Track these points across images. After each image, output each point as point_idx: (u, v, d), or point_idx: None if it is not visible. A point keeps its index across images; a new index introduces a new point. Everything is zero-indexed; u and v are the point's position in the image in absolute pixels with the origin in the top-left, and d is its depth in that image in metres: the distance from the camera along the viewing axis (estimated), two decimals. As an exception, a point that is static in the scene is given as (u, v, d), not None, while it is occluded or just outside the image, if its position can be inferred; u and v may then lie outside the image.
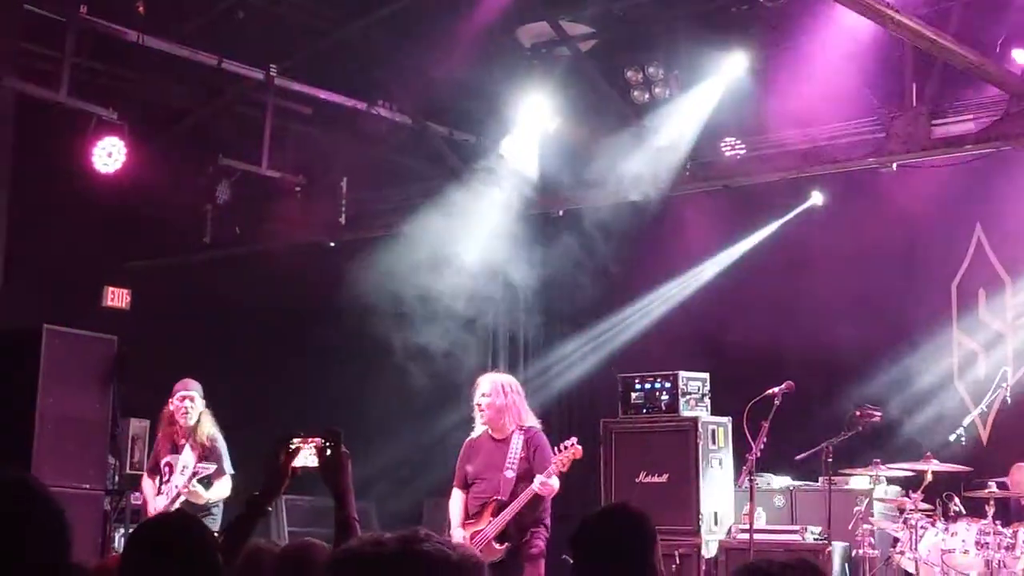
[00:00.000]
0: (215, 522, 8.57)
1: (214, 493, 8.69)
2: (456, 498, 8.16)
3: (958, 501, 8.92)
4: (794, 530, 9.85)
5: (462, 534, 7.94)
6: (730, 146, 10.66)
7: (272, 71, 10.56)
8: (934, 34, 8.39)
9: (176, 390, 8.97)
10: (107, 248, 12.17)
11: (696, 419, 10.49)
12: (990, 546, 8.53)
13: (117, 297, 12.49)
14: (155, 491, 8.89)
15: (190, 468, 8.64)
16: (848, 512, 9.30)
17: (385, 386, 11.64)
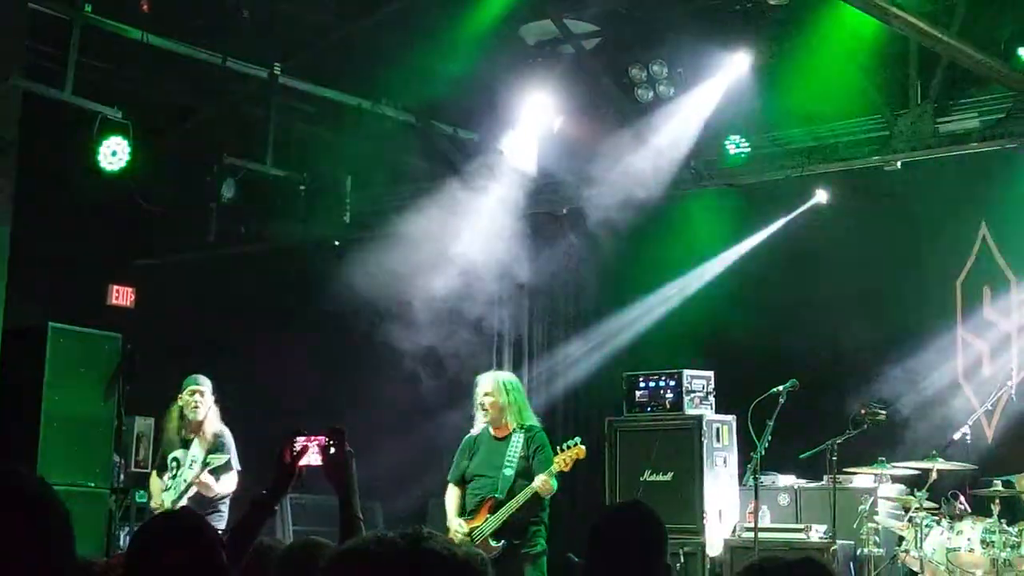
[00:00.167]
0: (221, 519, 8.58)
1: (223, 486, 8.70)
2: (452, 493, 8.18)
3: (963, 500, 8.91)
4: (799, 528, 9.84)
5: (458, 524, 7.94)
6: (734, 144, 10.65)
7: (276, 69, 10.56)
8: (939, 32, 8.38)
9: (186, 385, 8.98)
10: (112, 246, 12.19)
11: (700, 417, 10.48)
12: (995, 545, 8.52)
13: (122, 295, 12.52)
14: (161, 487, 8.89)
15: (199, 462, 8.65)
16: (853, 511, 9.30)
17: (390, 384, 11.63)
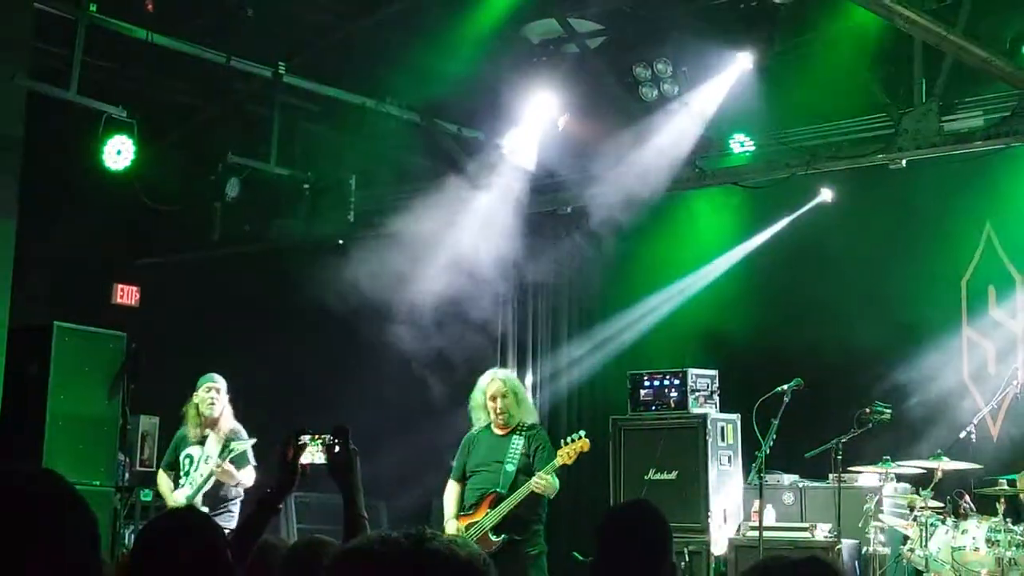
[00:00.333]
0: (232, 519, 8.58)
1: (243, 476, 8.71)
2: (451, 490, 8.21)
3: (968, 499, 8.90)
4: (804, 527, 9.83)
5: (456, 526, 7.97)
6: (739, 142, 10.64)
7: (280, 68, 10.56)
8: (943, 30, 8.36)
9: (202, 382, 8.99)
10: (117, 246, 12.21)
11: (705, 416, 10.47)
12: (1000, 543, 8.51)
13: (127, 294, 12.53)
14: (171, 486, 8.90)
15: (215, 457, 8.67)
16: (858, 510, 9.29)
17: (394, 383, 11.63)
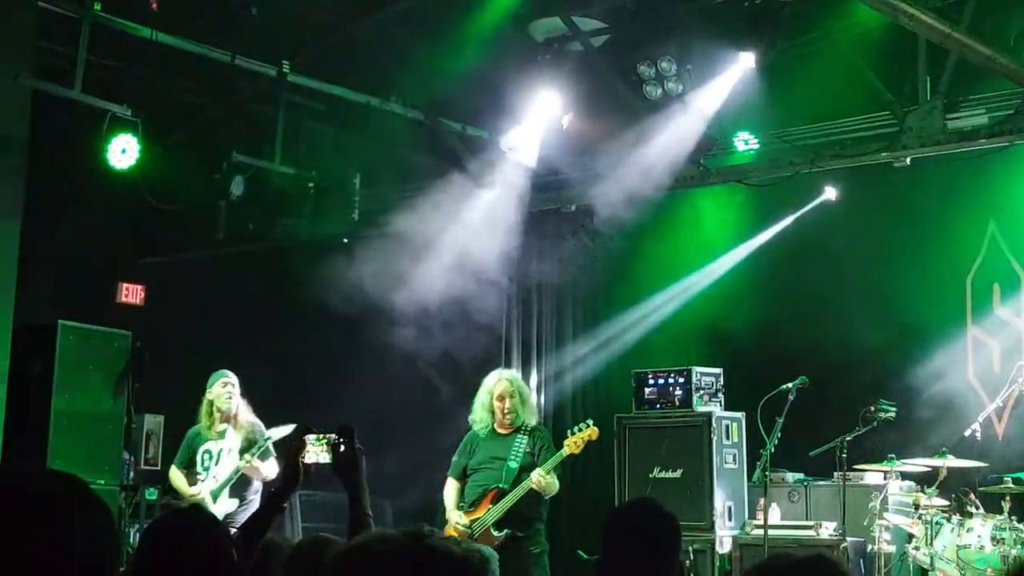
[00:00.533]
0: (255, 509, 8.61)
1: (268, 470, 8.73)
2: (451, 487, 8.29)
3: (974, 497, 8.90)
4: (809, 526, 9.83)
5: (457, 517, 8.00)
6: (743, 141, 10.63)
7: (285, 67, 10.56)
8: (947, 28, 8.35)
9: (214, 379, 9.01)
10: (121, 244, 12.21)
11: (710, 414, 10.47)
12: (1006, 542, 8.50)
13: (131, 293, 12.54)
14: (186, 482, 8.90)
15: (236, 450, 8.70)
16: (863, 508, 9.28)
17: (398, 382, 11.64)
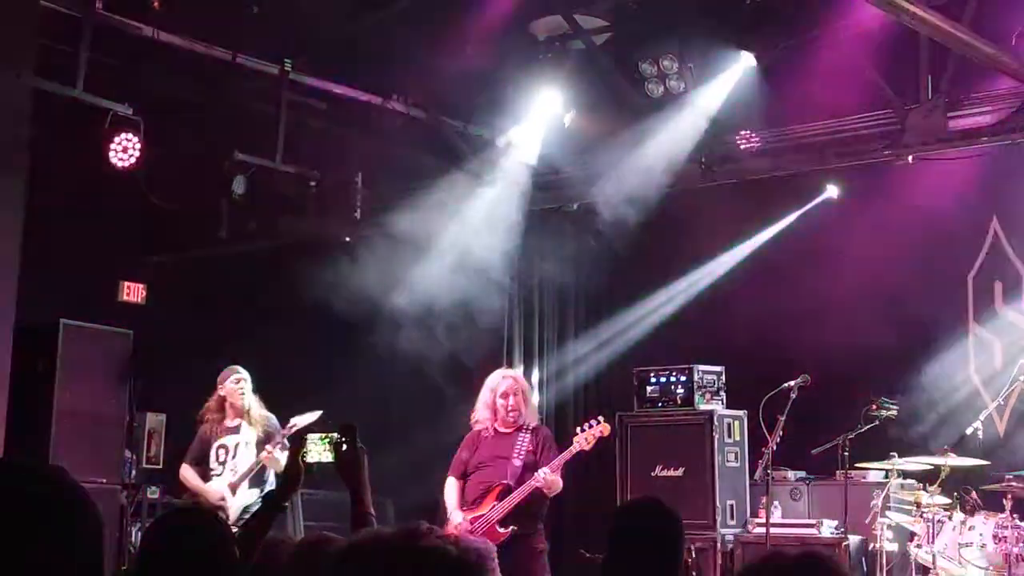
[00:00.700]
0: None
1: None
2: (452, 485, 8.29)
3: (975, 495, 8.90)
4: (810, 524, 9.84)
5: (461, 517, 8.01)
6: (745, 139, 10.63)
7: (287, 66, 10.56)
8: (949, 26, 8.35)
9: (226, 376, 9.03)
10: (123, 243, 12.20)
11: (712, 412, 10.47)
12: (1008, 540, 8.50)
13: (133, 292, 12.52)
14: (199, 478, 8.91)
15: (253, 443, 8.72)
16: (864, 506, 9.28)
17: (400, 381, 11.64)
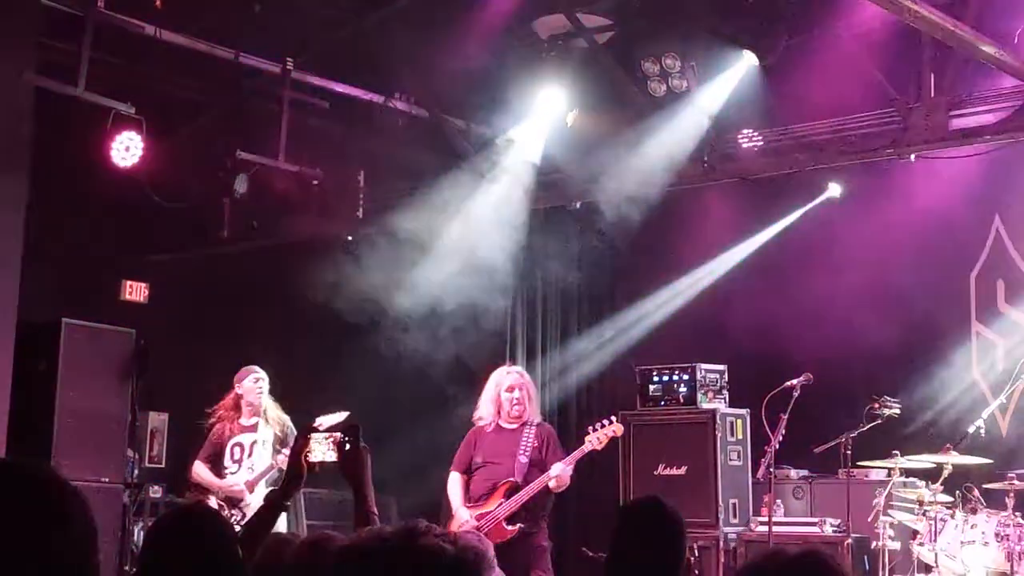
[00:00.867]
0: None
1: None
2: (456, 481, 8.29)
3: (978, 493, 8.89)
4: (813, 522, 9.84)
5: (468, 515, 8.01)
6: (747, 138, 10.63)
7: (289, 64, 10.56)
8: (952, 25, 8.34)
9: (244, 374, 9.07)
10: (125, 242, 12.20)
11: (714, 411, 10.47)
12: (1010, 538, 8.49)
13: (135, 291, 12.53)
14: (217, 475, 8.94)
15: (269, 442, 8.75)
16: (867, 504, 9.27)
17: (403, 380, 11.64)
